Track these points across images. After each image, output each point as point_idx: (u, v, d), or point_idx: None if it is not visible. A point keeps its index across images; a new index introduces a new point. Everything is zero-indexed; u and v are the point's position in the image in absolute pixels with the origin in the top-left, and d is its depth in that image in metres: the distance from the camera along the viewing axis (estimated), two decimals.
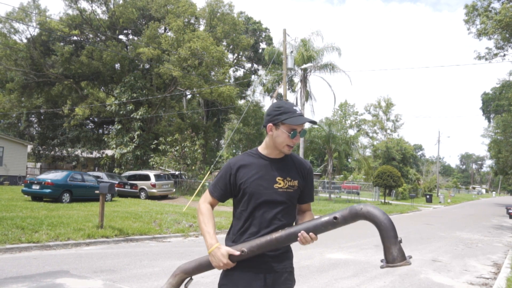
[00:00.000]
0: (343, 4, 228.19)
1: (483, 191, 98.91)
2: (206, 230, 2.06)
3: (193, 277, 2.14)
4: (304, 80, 28.16)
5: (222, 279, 2.09)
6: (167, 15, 28.33)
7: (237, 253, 1.96)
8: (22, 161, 27.51)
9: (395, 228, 1.83)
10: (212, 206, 2.18)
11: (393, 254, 1.75)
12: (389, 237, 1.78)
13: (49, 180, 15.81)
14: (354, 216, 1.92)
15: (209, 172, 21.25)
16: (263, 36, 41.20)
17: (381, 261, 1.82)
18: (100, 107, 30.46)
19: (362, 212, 1.88)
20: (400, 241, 1.78)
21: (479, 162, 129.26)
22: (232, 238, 2.10)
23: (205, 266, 2.07)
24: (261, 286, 2.00)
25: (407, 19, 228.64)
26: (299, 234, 1.94)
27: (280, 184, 2.08)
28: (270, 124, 2.09)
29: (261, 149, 2.16)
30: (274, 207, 2.06)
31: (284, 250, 2.10)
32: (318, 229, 1.96)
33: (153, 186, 21.48)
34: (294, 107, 2.09)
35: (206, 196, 2.19)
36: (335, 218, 1.93)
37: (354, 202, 30.07)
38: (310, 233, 1.95)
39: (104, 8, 31.13)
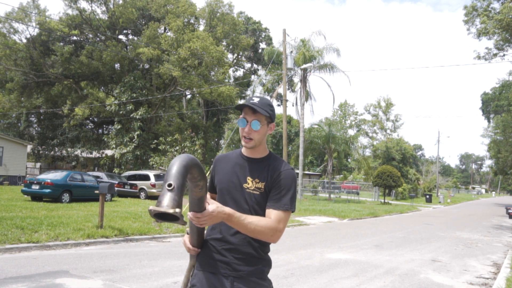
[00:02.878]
0: (344, 4, 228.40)
1: (483, 191, 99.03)
2: None
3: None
4: (303, 80, 28.16)
5: (192, 279, 2.07)
6: (167, 15, 28.32)
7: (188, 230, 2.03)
8: (21, 161, 27.49)
9: (176, 172, 1.56)
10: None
11: (159, 198, 1.53)
12: (164, 179, 1.56)
13: (48, 180, 15.80)
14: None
15: (209, 172, 21.22)
16: (263, 36, 41.18)
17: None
18: (100, 107, 30.44)
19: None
20: (170, 187, 1.51)
21: (479, 162, 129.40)
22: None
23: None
24: None
25: (407, 19, 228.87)
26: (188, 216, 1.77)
27: (248, 184, 2.01)
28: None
29: (243, 148, 2.15)
30: (242, 208, 1.98)
31: (254, 255, 2.00)
32: (192, 202, 1.73)
33: (153, 186, 21.48)
34: (253, 98, 2.03)
35: None
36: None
37: (354, 202, 30.09)
38: (191, 212, 1.74)
39: (103, 8, 31.12)
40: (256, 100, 2.01)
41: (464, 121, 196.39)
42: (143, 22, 32.10)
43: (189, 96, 36.72)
